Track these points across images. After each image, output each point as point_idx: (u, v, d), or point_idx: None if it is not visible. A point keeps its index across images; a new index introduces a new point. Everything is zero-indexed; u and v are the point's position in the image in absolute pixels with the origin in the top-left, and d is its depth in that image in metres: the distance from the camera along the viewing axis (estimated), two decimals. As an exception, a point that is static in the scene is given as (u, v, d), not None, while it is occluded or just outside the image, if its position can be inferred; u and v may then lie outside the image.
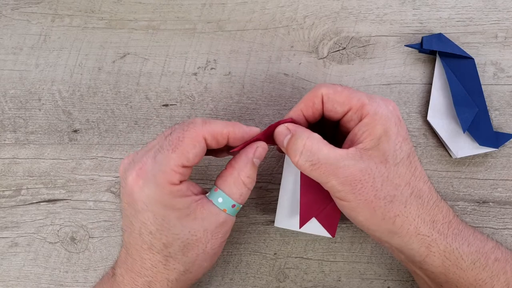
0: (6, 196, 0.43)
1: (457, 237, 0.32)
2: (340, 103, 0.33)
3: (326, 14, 0.45)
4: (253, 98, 0.44)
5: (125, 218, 0.32)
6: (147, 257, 0.32)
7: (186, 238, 0.31)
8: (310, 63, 0.44)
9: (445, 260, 0.32)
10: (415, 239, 0.32)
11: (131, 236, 0.32)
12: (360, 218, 0.32)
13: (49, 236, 0.42)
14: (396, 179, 0.31)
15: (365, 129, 0.32)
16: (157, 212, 0.31)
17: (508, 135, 0.41)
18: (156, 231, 0.31)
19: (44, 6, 0.45)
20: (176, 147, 0.31)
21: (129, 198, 0.31)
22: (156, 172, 0.30)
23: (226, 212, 0.33)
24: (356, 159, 0.31)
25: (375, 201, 0.31)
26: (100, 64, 0.44)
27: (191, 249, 0.32)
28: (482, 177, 0.42)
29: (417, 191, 0.32)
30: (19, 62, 0.45)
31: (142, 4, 0.45)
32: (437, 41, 0.42)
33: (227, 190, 0.33)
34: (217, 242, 0.33)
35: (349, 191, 0.31)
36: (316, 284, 0.41)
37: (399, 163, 0.31)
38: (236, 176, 0.33)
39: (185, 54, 0.44)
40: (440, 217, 0.32)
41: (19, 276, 0.42)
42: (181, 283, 0.33)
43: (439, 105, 0.42)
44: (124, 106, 0.44)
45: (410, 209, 0.31)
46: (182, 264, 0.32)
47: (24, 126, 0.44)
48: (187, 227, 0.31)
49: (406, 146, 0.32)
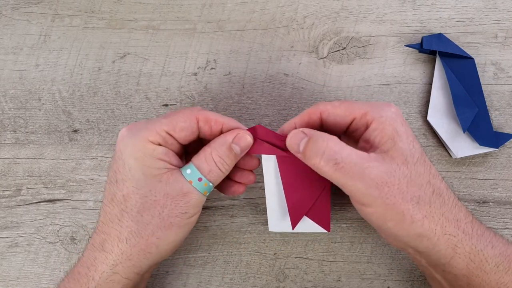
0: (6, 196, 0.43)
1: (481, 238, 0.31)
2: (341, 116, 0.33)
3: (326, 14, 0.45)
4: (253, 98, 0.44)
5: (109, 175, 0.34)
6: (108, 209, 0.33)
7: (145, 196, 0.32)
8: (310, 63, 0.44)
9: (469, 262, 0.31)
10: (442, 240, 0.31)
11: (106, 191, 0.33)
12: (389, 224, 0.31)
13: (49, 236, 0.42)
14: (418, 179, 0.30)
15: (376, 134, 0.31)
16: (127, 162, 0.32)
17: (508, 135, 0.41)
18: (121, 180, 0.32)
19: (44, 6, 0.45)
20: (167, 116, 0.33)
21: (116, 148, 0.33)
22: (141, 128, 0.33)
23: (192, 184, 0.33)
24: (379, 161, 0.30)
25: (403, 204, 0.30)
26: (100, 64, 0.44)
27: (147, 209, 0.32)
28: (482, 177, 0.42)
29: (437, 189, 0.31)
30: (19, 62, 0.45)
31: (142, 4, 0.45)
32: (437, 41, 0.42)
33: (196, 163, 0.33)
34: (176, 210, 0.32)
35: (376, 195, 0.30)
36: (316, 284, 0.41)
37: (417, 162, 0.31)
38: (208, 153, 0.33)
39: (185, 54, 0.44)
40: (462, 216, 0.32)
41: (19, 276, 0.42)
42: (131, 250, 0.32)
43: (439, 105, 0.42)
44: (124, 106, 0.44)
45: (435, 209, 0.31)
46: (135, 223, 0.32)
47: (24, 126, 0.44)
48: (149, 186, 0.32)
49: (417, 145, 0.32)
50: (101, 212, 0.33)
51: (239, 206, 0.42)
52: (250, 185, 0.42)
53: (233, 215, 0.42)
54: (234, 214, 0.42)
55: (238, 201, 0.42)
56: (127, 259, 0.32)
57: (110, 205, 0.32)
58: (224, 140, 0.33)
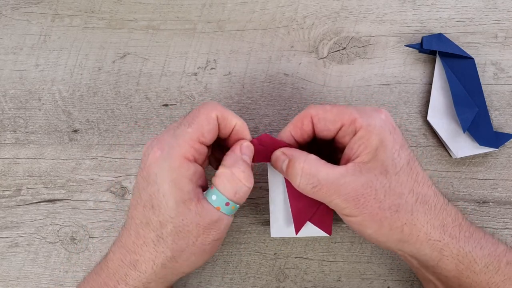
0: (6, 196, 0.43)
1: (469, 240, 0.32)
2: (331, 121, 0.33)
3: (326, 14, 0.45)
4: (253, 98, 0.44)
5: (136, 193, 0.33)
6: (143, 232, 0.32)
7: (178, 225, 0.32)
8: (310, 63, 0.44)
9: (458, 264, 0.32)
10: (426, 245, 0.31)
11: (136, 209, 0.33)
12: (369, 231, 0.32)
13: (49, 236, 0.42)
14: (398, 188, 0.31)
15: (360, 143, 0.32)
16: (161, 188, 0.31)
17: (508, 135, 0.41)
18: (157, 206, 0.31)
19: (44, 6, 0.45)
20: (191, 123, 0.32)
21: (145, 171, 0.32)
22: (173, 145, 0.32)
23: (220, 210, 0.33)
24: (356, 174, 0.31)
25: (380, 212, 0.31)
26: (100, 64, 0.44)
27: (181, 238, 0.32)
28: (482, 177, 0.42)
29: (422, 197, 0.32)
30: (19, 62, 0.45)
31: (142, 4, 0.45)
32: (437, 41, 0.42)
33: (221, 188, 0.33)
34: (208, 239, 0.33)
35: (353, 206, 0.31)
36: (316, 284, 0.41)
37: (399, 172, 0.31)
38: (229, 173, 0.33)
39: (185, 54, 0.44)
40: (450, 221, 0.32)
41: (19, 276, 0.42)
42: (165, 271, 0.33)
43: (439, 105, 0.42)
44: (124, 106, 0.44)
45: (418, 216, 0.31)
46: (170, 250, 0.32)
47: (24, 126, 0.44)
48: (181, 215, 0.32)
49: (404, 153, 0.32)
50: (132, 232, 0.33)
51: (239, 206, 0.42)
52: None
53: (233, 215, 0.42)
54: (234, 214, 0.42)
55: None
56: (160, 278, 0.33)
57: (146, 229, 0.32)
58: (236, 155, 0.34)
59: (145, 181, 0.32)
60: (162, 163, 0.31)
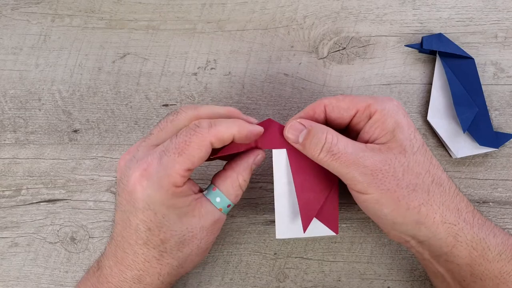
0: (6, 196, 0.43)
1: (482, 227, 0.32)
2: (345, 109, 0.33)
3: (326, 14, 0.45)
4: (253, 98, 0.44)
5: (121, 213, 0.32)
6: (141, 251, 0.32)
7: (183, 235, 0.32)
8: (310, 63, 0.44)
9: (472, 250, 0.31)
10: (442, 228, 0.31)
11: (125, 230, 0.32)
12: (385, 210, 0.31)
13: (49, 236, 0.42)
14: (416, 168, 0.31)
15: (376, 126, 0.32)
16: (159, 211, 0.31)
17: (508, 135, 0.41)
18: (155, 227, 0.31)
19: (44, 6, 0.45)
20: (182, 151, 0.30)
21: (129, 196, 0.31)
22: (162, 176, 0.30)
23: (222, 211, 0.34)
24: (375, 151, 0.31)
25: (398, 190, 0.31)
26: (100, 64, 0.44)
27: (186, 245, 0.32)
28: (482, 177, 0.42)
29: (438, 179, 0.32)
30: (19, 62, 0.45)
31: (142, 4, 0.45)
32: (437, 41, 0.42)
33: (225, 191, 0.34)
34: (210, 238, 0.34)
35: (370, 181, 0.31)
36: (316, 284, 0.41)
37: (416, 152, 0.32)
38: (235, 179, 0.34)
39: (185, 54, 0.44)
40: (463, 206, 0.32)
41: (19, 276, 0.42)
42: (171, 278, 0.34)
43: (439, 105, 0.42)
44: (124, 106, 0.44)
45: (434, 197, 0.31)
46: (176, 259, 0.33)
47: (24, 126, 0.44)
48: (186, 224, 0.32)
49: (418, 136, 0.33)
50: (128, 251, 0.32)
51: (239, 206, 0.42)
52: (250, 185, 0.42)
53: (233, 215, 0.42)
54: (234, 214, 0.42)
55: (238, 201, 0.42)
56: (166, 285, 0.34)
57: (144, 248, 0.32)
58: (247, 164, 0.34)
59: (132, 205, 0.31)
60: (153, 193, 0.30)
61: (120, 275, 0.32)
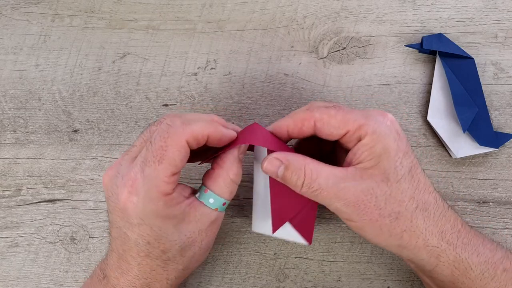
0: (6, 196, 0.43)
1: (466, 247, 0.32)
2: (335, 127, 0.32)
3: (326, 14, 0.45)
4: (253, 98, 0.44)
5: (117, 229, 0.32)
6: (145, 262, 0.32)
7: (183, 242, 0.32)
8: (310, 63, 0.44)
9: (454, 270, 0.32)
10: (424, 251, 0.32)
11: (125, 245, 0.32)
12: (368, 236, 0.32)
13: (49, 236, 0.42)
14: (399, 196, 0.31)
15: (364, 149, 0.31)
16: (154, 224, 0.31)
17: (508, 135, 0.41)
18: (154, 241, 0.31)
19: (44, 6, 0.45)
20: (162, 158, 0.30)
21: (122, 213, 0.31)
22: (149, 188, 0.30)
23: (218, 210, 0.34)
24: (356, 179, 0.31)
25: (380, 219, 0.31)
26: (100, 64, 0.44)
27: (188, 250, 0.33)
28: (482, 177, 0.42)
29: (422, 204, 0.32)
30: (19, 62, 0.45)
31: (142, 4, 0.45)
32: (437, 41, 0.42)
33: (217, 191, 0.33)
34: (211, 237, 0.34)
35: (353, 211, 0.31)
36: (316, 284, 0.41)
37: (400, 180, 0.31)
38: (225, 176, 0.33)
39: (185, 54, 0.44)
40: (449, 227, 0.32)
41: (19, 276, 0.42)
42: (179, 279, 0.34)
43: (439, 105, 0.42)
44: (124, 106, 0.44)
45: (417, 223, 0.31)
46: (181, 264, 0.33)
47: (24, 126, 0.44)
48: (184, 232, 0.32)
49: (407, 161, 0.31)
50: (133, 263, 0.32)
51: (239, 206, 0.42)
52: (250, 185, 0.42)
53: (233, 215, 0.42)
54: (234, 214, 0.42)
55: (238, 201, 0.42)
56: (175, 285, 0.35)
57: (148, 259, 0.32)
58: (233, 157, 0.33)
59: (126, 221, 0.31)
60: (144, 208, 0.30)
61: (129, 284, 0.33)
